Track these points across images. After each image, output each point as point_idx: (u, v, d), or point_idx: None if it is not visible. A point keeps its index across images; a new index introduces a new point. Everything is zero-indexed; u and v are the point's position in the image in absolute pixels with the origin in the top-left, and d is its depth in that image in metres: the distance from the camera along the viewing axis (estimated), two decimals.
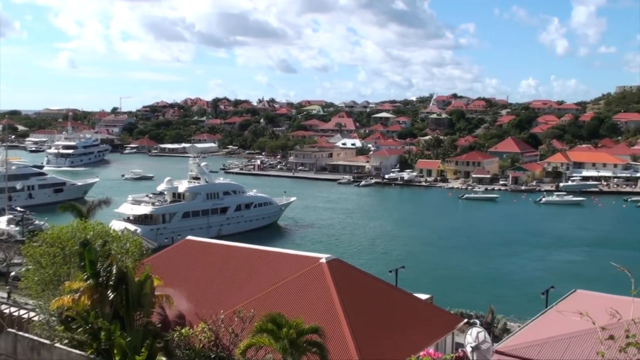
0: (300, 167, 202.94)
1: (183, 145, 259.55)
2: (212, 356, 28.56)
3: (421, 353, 4.85)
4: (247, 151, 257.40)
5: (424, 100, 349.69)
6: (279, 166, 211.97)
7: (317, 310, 30.75)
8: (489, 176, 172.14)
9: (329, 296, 31.71)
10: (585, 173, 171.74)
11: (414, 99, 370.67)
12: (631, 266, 4.96)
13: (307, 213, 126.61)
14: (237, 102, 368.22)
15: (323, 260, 34.47)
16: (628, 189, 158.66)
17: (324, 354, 23.92)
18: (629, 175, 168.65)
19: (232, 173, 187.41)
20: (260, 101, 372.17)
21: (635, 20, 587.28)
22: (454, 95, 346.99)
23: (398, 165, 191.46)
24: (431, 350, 4.90)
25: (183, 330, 28.46)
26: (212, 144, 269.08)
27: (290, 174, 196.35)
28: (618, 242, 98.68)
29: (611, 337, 3.87)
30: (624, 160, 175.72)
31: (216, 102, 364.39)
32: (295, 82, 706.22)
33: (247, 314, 28.36)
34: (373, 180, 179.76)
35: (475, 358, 28.72)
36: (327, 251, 58.01)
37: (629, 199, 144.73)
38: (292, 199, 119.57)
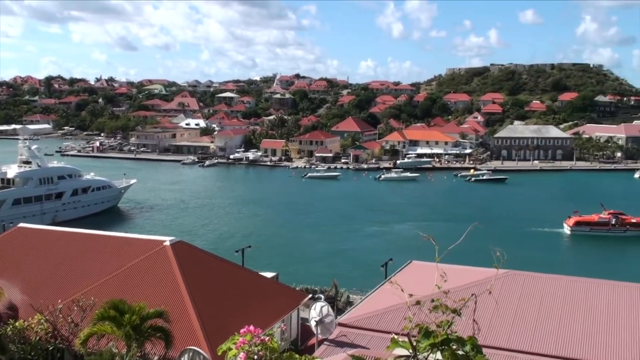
0: (142, 149, 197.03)
1: (13, 126, 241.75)
2: (50, 348, 27.41)
3: (242, 330, 5.05)
4: (85, 132, 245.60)
5: (267, 80, 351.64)
6: (126, 148, 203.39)
7: (161, 294, 30.38)
8: (331, 155, 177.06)
9: (174, 279, 31.41)
10: (419, 150, 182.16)
11: (257, 78, 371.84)
12: (455, 235, 5.47)
13: (150, 195, 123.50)
14: (73, 81, 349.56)
15: (167, 243, 34.03)
16: (457, 165, 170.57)
17: (168, 338, 23.75)
18: (458, 152, 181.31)
19: (69, 155, 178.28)
20: (98, 80, 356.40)
21: (463, 6, 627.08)
22: (297, 76, 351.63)
23: (243, 145, 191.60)
24: (251, 327, 5.09)
25: (17, 324, 27.06)
26: (47, 125, 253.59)
27: (132, 156, 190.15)
28: (448, 214, 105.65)
29: (418, 303, 4.32)
30: (453, 137, 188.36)
31: (49, 80, 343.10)
32: (136, 60, 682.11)
33: (87, 302, 27.49)
34: (217, 161, 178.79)
35: (319, 331, 29.84)
36: (171, 234, 57.02)
37: (459, 174, 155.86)
38: (133, 181, 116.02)
